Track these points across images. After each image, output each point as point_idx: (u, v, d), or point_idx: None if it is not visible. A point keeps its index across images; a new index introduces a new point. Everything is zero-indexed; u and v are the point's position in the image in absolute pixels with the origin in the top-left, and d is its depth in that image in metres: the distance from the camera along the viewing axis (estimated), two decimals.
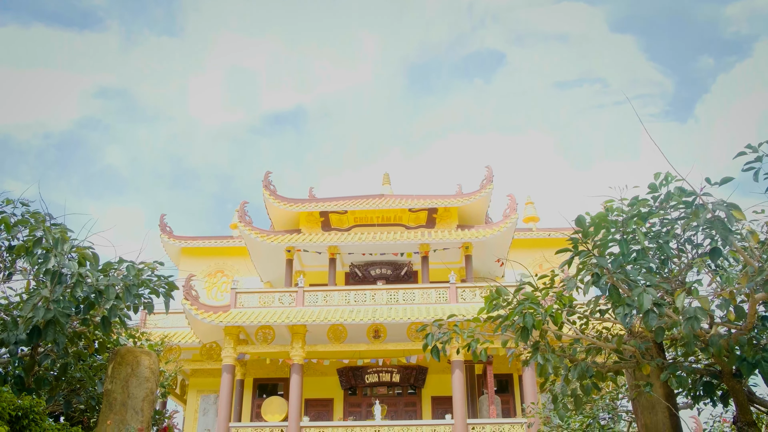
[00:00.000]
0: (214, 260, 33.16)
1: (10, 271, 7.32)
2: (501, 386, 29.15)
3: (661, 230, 6.47)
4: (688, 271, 6.60)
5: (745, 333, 6.10)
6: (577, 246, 6.61)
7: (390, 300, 26.79)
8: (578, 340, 7.13)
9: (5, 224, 6.86)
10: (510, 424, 25.00)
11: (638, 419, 7.64)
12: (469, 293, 26.79)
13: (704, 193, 5.93)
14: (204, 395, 30.14)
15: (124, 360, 7.95)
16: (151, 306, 7.60)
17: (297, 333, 26.36)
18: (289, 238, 28.97)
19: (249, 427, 25.66)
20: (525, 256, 30.49)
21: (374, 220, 30.63)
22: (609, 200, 6.40)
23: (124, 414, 7.70)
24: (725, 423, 11.87)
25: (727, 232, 5.70)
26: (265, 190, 30.04)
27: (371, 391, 29.02)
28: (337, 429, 25.33)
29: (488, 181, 29.99)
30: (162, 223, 33.28)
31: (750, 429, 6.87)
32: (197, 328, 26.84)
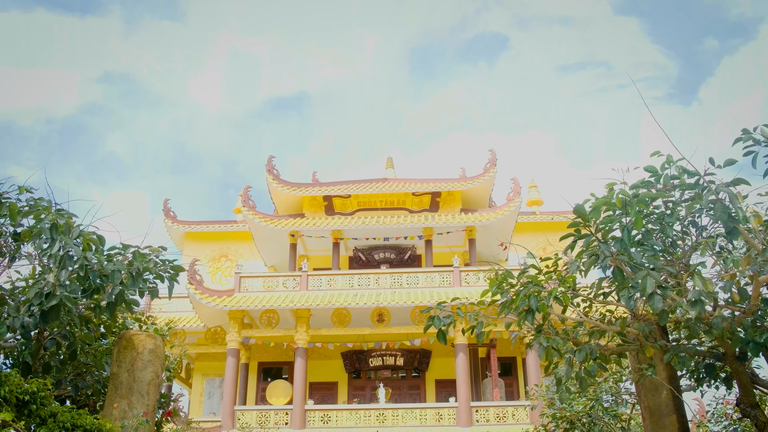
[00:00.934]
0: (218, 245, 33.23)
1: (15, 255, 7.35)
2: (504, 369, 29.26)
3: (664, 212, 6.46)
4: (692, 253, 6.60)
5: (749, 315, 6.11)
6: (580, 230, 6.61)
7: (394, 284, 26.86)
8: (582, 323, 7.14)
9: (11, 211, 6.88)
10: (513, 407, 25.12)
11: (641, 401, 7.67)
12: (472, 277, 26.83)
13: (708, 173, 5.91)
14: (209, 379, 30.33)
15: (130, 344, 8.00)
16: (155, 291, 7.63)
17: (301, 317, 26.46)
18: (293, 223, 29.00)
19: (254, 410, 25.83)
20: (528, 239, 30.49)
21: (378, 204, 30.63)
22: (612, 183, 6.39)
23: (130, 397, 7.76)
24: (728, 405, 11.92)
25: (726, 214, 5.68)
26: (268, 175, 30.03)
27: (375, 375, 29.17)
28: (341, 412, 25.49)
29: (492, 164, 29.93)
30: (166, 208, 33.32)
31: (753, 410, 6.90)
32: (202, 313, 26.97)
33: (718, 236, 6.48)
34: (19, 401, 5.98)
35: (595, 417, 11.08)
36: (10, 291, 7.36)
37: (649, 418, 7.52)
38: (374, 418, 25.12)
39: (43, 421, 6.12)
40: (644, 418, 7.65)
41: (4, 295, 7.38)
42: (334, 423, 25.09)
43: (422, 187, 30.12)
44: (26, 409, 6.06)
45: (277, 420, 25.25)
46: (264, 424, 24.88)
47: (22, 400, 6.01)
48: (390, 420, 25.03)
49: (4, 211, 6.84)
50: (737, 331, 6.27)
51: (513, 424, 24.14)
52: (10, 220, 6.89)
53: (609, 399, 11.56)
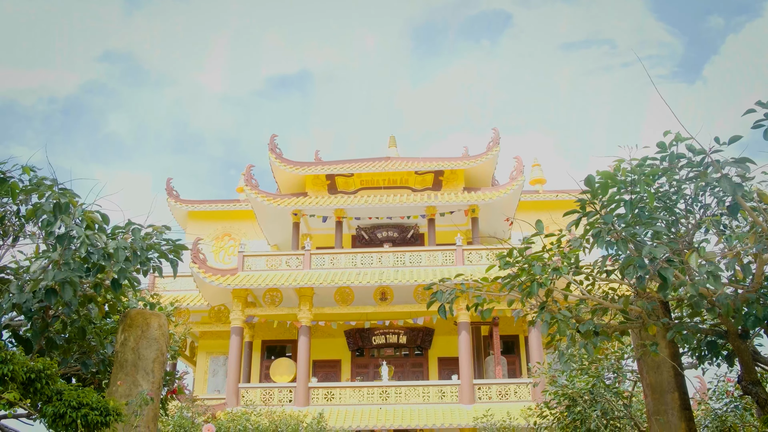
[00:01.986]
0: (221, 224, 33.27)
1: (18, 235, 7.36)
2: (507, 347, 29.39)
3: (669, 190, 6.44)
4: (696, 231, 6.59)
5: (752, 293, 6.11)
6: (585, 207, 6.59)
7: (397, 262, 26.91)
8: (584, 300, 7.15)
9: (12, 189, 6.87)
10: (516, 384, 25.28)
11: (643, 379, 7.70)
12: (475, 255, 26.87)
13: (714, 150, 5.88)
14: (213, 357, 30.52)
15: (134, 322, 8.03)
16: (160, 269, 7.64)
17: (304, 295, 26.56)
18: (296, 201, 29.00)
19: (258, 388, 26.03)
20: (532, 218, 30.20)
21: (380, 183, 30.59)
22: (619, 160, 6.36)
23: (135, 375, 7.81)
24: (729, 382, 11.97)
25: (735, 189, 5.66)
26: (271, 154, 29.98)
27: (378, 353, 29.33)
28: (344, 389, 25.67)
29: (495, 143, 29.82)
30: (168, 187, 33.31)
31: (754, 388, 6.93)
32: (205, 291, 27.08)
33: (722, 214, 6.46)
34: (24, 379, 6.02)
35: (596, 394, 11.13)
36: (15, 270, 7.38)
37: (650, 395, 7.55)
38: (377, 395, 25.31)
39: (49, 399, 6.16)
40: (646, 395, 7.68)
41: (8, 274, 7.40)
42: (338, 400, 25.28)
43: (425, 165, 30.05)
44: (32, 387, 6.10)
45: (281, 397, 25.46)
46: (268, 401, 25.08)
47: (28, 378, 6.04)
48: (393, 397, 25.22)
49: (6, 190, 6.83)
50: (740, 309, 6.28)
51: (515, 401, 24.30)
52: (12, 200, 6.88)
53: (611, 376, 11.60)
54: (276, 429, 18.08)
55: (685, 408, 7.39)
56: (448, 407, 24.62)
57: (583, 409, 10.94)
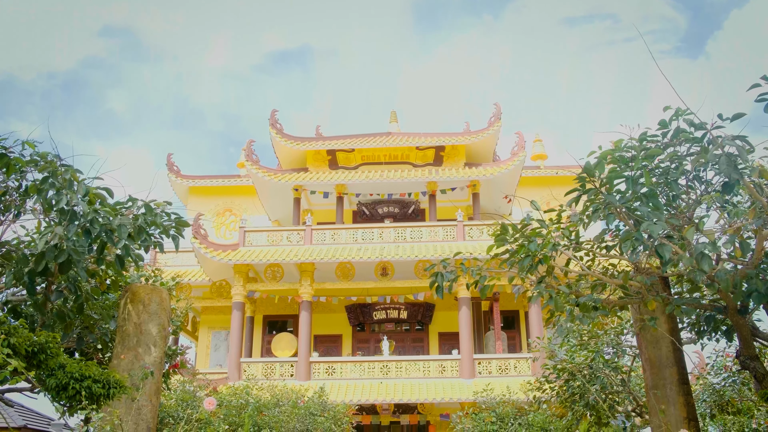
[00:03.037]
0: (222, 199, 33.26)
1: (20, 210, 7.36)
2: (507, 323, 29.54)
3: (669, 166, 6.42)
4: (697, 207, 6.59)
5: (752, 269, 6.12)
6: (585, 184, 6.59)
7: (398, 238, 26.96)
8: (584, 276, 7.17)
9: (11, 165, 6.86)
10: (516, 359, 25.46)
11: (642, 353, 7.75)
12: (476, 231, 26.90)
13: (715, 125, 5.85)
14: (215, 332, 30.70)
15: (136, 297, 8.08)
16: (161, 245, 7.66)
17: (305, 271, 26.65)
18: (297, 177, 28.96)
19: (260, 363, 26.22)
20: (533, 194, 30.38)
21: (381, 158, 30.52)
22: (619, 140, 6.34)
23: (137, 349, 7.86)
24: (728, 357, 12.06)
25: (733, 166, 5.65)
26: (271, 129, 29.88)
27: (379, 328, 29.49)
28: (346, 364, 25.86)
29: (496, 118, 29.71)
30: (169, 163, 33.23)
31: (752, 362, 6.97)
32: (207, 267, 27.16)
33: (711, 192, 6.45)
34: (28, 353, 6.07)
35: (595, 369, 11.21)
36: (16, 245, 7.40)
37: (649, 370, 7.60)
38: (378, 370, 25.50)
39: (52, 371, 6.21)
40: (645, 369, 7.74)
41: (10, 250, 7.42)
42: (339, 375, 25.48)
43: (426, 141, 29.96)
44: (35, 360, 6.15)
45: (283, 372, 25.66)
46: (270, 375, 25.28)
47: (31, 351, 6.09)
48: (394, 372, 25.41)
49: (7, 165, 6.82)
50: (740, 285, 6.29)
51: (515, 375, 24.49)
52: (7, 174, 6.87)
53: (610, 351, 11.68)
54: (277, 403, 18.23)
55: (683, 382, 7.45)
56: (449, 382, 24.82)
57: (582, 383, 11.03)
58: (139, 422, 7.61)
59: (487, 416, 18.17)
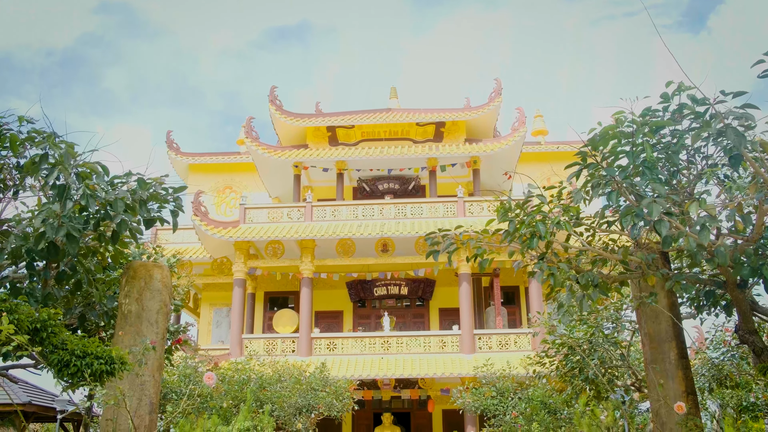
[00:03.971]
0: (222, 176, 33.21)
1: (19, 188, 7.34)
2: (507, 298, 29.65)
3: (671, 141, 6.40)
4: (698, 182, 6.57)
5: (752, 243, 6.12)
6: (586, 159, 6.57)
7: (398, 214, 26.97)
8: (584, 251, 7.18)
9: (12, 141, 6.83)
10: (516, 335, 25.59)
11: (642, 328, 7.78)
12: (476, 207, 26.90)
13: (718, 100, 5.82)
14: (217, 308, 30.84)
15: (137, 274, 8.09)
16: (160, 219, 7.65)
17: (306, 247, 26.69)
18: (297, 154, 28.90)
19: (261, 339, 26.37)
20: (533, 169, 30.36)
21: (382, 134, 30.42)
22: (619, 112, 6.30)
23: (139, 326, 7.90)
24: (727, 332, 12.11)
25: (741, 139, 5.62)
26: (271, 105, 29.75)
27: (380, 304, 29.61)
28: (347, 340, 26.00)
29: (497, 94, 29.55)
30: (169, 140, 33.13)
31: (751, 337, 7.00)
32: (208, 244, 27.21)
33: (723, 165, 6.43)
34: (30, 329, 6.09)
35: (595, 343, 11.26)
36: (17, 223, 7.39)
37: (648, 345, 7.64)
38: (379, 345, 25.65)
39: (54, 348, 6.24)
40: (644, 344, 7.78)
41: (10, 227, 7.42)
42: (340, 350, 25.63)
43: (426, 117, 29.83)
44: (38, 336, 6.18)
45: (284, 348, 25.81)
46: (271, 351, 25.44)
47: (34, 328, 6.12)
48: (395, 347, 25.56)
49: (6, 143, 6.79)
50: (740, 260, 6.30)
51: (515, 351, 24.63)
52: (14, 151, 6.84)
53: (609, 326, 11.72)
54: (279, 378, 18.37)
55: (682, 357, 7.49)
56: (449, 357, 24.98)
57: (582, 358, 11.09)
58: (142, 397, 7.66)
59: (488, 391, 18.31)
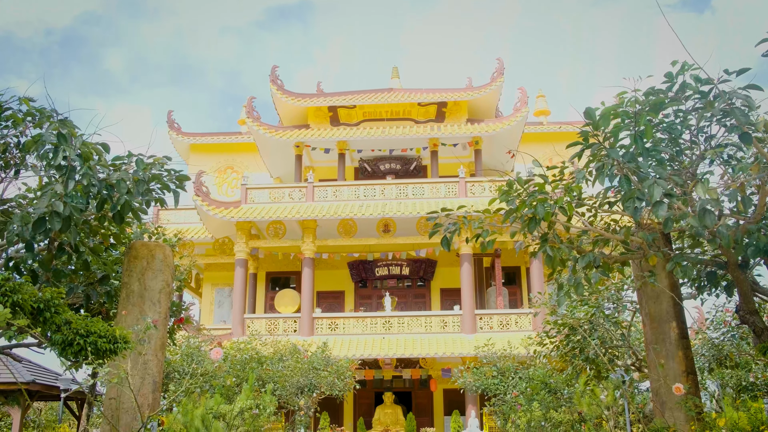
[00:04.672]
0: (223, 156, 33.16)
1: (20, 167, 7.34)
2: (509, 278, 29.71)
3: (674, 121, 6.37)
4: (700, 162, 6.55)
5: (754, 223, 6.12)
6: (588, 138, 6.54)
7: (399, 195, 26.95)
8: (586, 231, 7.18)
9: (13, 120, 6.82)
10: (517, 315, 25.68)
11: (643, 308, 7.81)
12: (478, 187, 26.87)
13: (721, 80, 5.78)
14: (218, 288, 30.93)
15: (139, 254, 8.11)
16: (162, 200, 7.65)
17: (307, 228, 26.71)
18: (298, 134, 28.82)
19: (263, 318, 26.48)
20: (535, 150, 30.25)
21: (383, 114, 30.32)
22: (622, 92, 6.27)
23: (141, 305, 7.93)
24: (727, 313, 12.15)
25: (746, 119, 5.60)
26: (272, 85, 29.62)
27: (381, 284, 29.68)
28: (348, 320, 26.11)
29: (499, 73, 29.39)
30: (170, 120, 33.03)
31: (752, 317, 7.03)
32: (209, 224, 27.24)
33: (727, 145, 6.40)
34: (33, 309, 6.11)
35: (595, 324, 11.30)
36: (18, 202, 7.39)
37: (649, 325, 7.67)
38: (380, 325, 25.75)
39: (58, 327, 6.27)
40: (645, 324, 7.81)
41: (11, 207, 7.42)
42: (341, 330, 25.75)
43: (428, 97, 29.71)
44: (41, 316, 6.20)
45: (286, 327, 25.93)
46: (273, 331, 25.56)
47: (37, 308, 6.14)
48: (396, 327, 25.67)
49: (7, 122, 6.78)
50: (741, 240, 6.30)
51: (516, 331, 24.73)
52: (13, 131, 6.83)
53: (610, 307, 11.75)
54: (281, 358, 18.47)
55: (682, 337, 7.52)
56: (450, 337, 25.08)
57: (582, 338, 11.13)
58: (145, 376, 7.72)
59: (488, 370, 18.42)
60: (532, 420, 14.09)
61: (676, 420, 7.18)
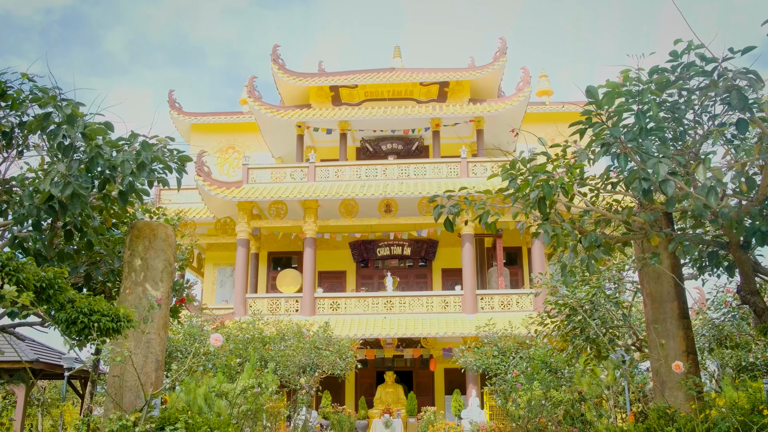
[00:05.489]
0: (224, 136, 33.10)
1: (23, 147, 7.32)
2: (510, 259, 29.77)
3: (678, 101, 6.34)
4: (703, 142, 6.53)
5: (756, 204, 6.10)
6: (591, 118, 6.51)
7: (401, 175, 26.93)
8: (588, 212, 7.17)
9: (13, 99, 6.79)
10: (518, 295, 25.76)
11: (643, 289, 7.82)
12: (480, 168, 26.83)
13: (726, 58, 5.74)
14: (220, 268, 31.03)
15: (142, 233, 8.12)
16: (165, 181, 7.65)
17: (309, 208, 26.73)
18: (299, 114, 28.74)
19: (265, 298, 26.58)
20: (538, 130, 30.12)
21: (385, 94, 30.20)
22: (626, 69, 6.23)
23: (144, 284, 7.96)
24: (728, 293, 12.18)
25: (745, 101, 5.57)
26: (273, 65, 29.48)
27: (383, 264, 29.75)
28: (350, 299, 26.21)
29: (501, 53, 29.22)
30: (171, 100, 32.93)
31: (753, 297, 7.04)
32: (211, 204, 27.26)
33: (730, 125, 6.37)
34: (36, 288, 6.13)
35: (596, 304, 11.33)
36: (21, 181, 7.39)
37: (650, 305, 7.69)
38: (382, 305, 25.85)
39: (61, 306, 6.29)
40: (645, 304, 7.82)
41: (14, 186, 7.42)
42: (343, 310, 25.85)
43: (430, 76, 29.57)
44: (44, 295, 6.22)
45: (288, 307, 26.03)
46: (275, 311, 25.67)
47: (40, 286, 6.15)
48: (397, 307, 25.77)
49: (8, 101, 6.75)
50: (743, 221, 6.29)
51: (517, 311, 24.82)
52: (12, 108, 6.80)
53: (611, 287, 11.77)
54: (283, 337, 18.56)
55: (683, 317, 7.54)
56: (452, 317, 25.18)
57: (583, 318, 11.16)
58: (148, 355, 7.76)
59: (489, 350, 18.51)
60: (532, 399, 14.19)
61: (675, 399, 7.22)
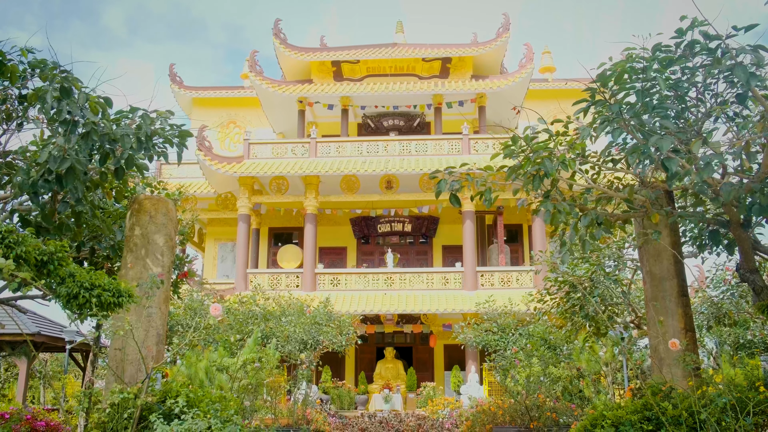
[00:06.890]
0: (226, 111, 32.98)
1: (22, 120, 7.29)
2: (511, 236, 29.80)
3: (681, 78, 6.29)
4: (706, 120, 6.49)
5: (757, 182, 6.09)
6: (594, 95, 6.48)
7: (402, 151, 26.87)
8: (589, 189, 7.16)
9: (12, 72, 6.75)
10: (518, 272, 25.82)
11: (643, 266, 7.83)
12: (482, 144, 26.76)
13: (729, 35, 5.70)
14: (221, 243, 31.09)
15: (142, 208, 8.12)
16: (165, 155, 7.62)
17: (310, 183, 26.71)
18: (301, 89, 28.61)
19: (266, 273, 26.67)
20: (540, 107, 29.98)
21: (387, 70, 30.03)
22: (630, 48, 6.18)
23: (145, 259, 7.98)
24: (728, 271, 12.21)
25: (749, 77, 5.53)
26: (275, 39, 29.29)
27: (384, 241, 29.81)
28: (350, 275, 26.29)
29: (505, 29, 28.99)
30: (172, 74, 32.76)
31: (752, 275, 7.05)
32: (212, 179, 27.24)
33: (732, 103, 6.33)
34: (37, 261, 6.14)
35: (596, 281, 11.36)
36: (22, 154, 7.37)
37: (650, 282, 7.71)
38: (382, 281, 25.94)
39: (62, 280, 6.30)
40: (645, 282, 7.84)
41: (15, 159, 7.41)
42: (344, 286, 25.95)
43: (433, 52, 29.37)
44: (45, 269, 6.23)
45: (288, 282, 26.13)
46: (276, 286, 25.76)
47: (41, 260, 6.16)
48: (398, 284, 25.86)
49: (7, 74, 6.71)
50: (744, 198, 6.28)
51: (517, 288, 24.91)
52: (12, 82, 6.76)
53: (611, 264, 11.81)
54: (284, 312, 18.65)
55: (682, 295, 7.57)
56: (452, 293, 25.28)
57: (583, 295, 11.20)
58: (149, 329, 7.80)
59: (489, 327, 18.60)
60: (531, 375, 14.29)
61: (673, 376, 7.27)
